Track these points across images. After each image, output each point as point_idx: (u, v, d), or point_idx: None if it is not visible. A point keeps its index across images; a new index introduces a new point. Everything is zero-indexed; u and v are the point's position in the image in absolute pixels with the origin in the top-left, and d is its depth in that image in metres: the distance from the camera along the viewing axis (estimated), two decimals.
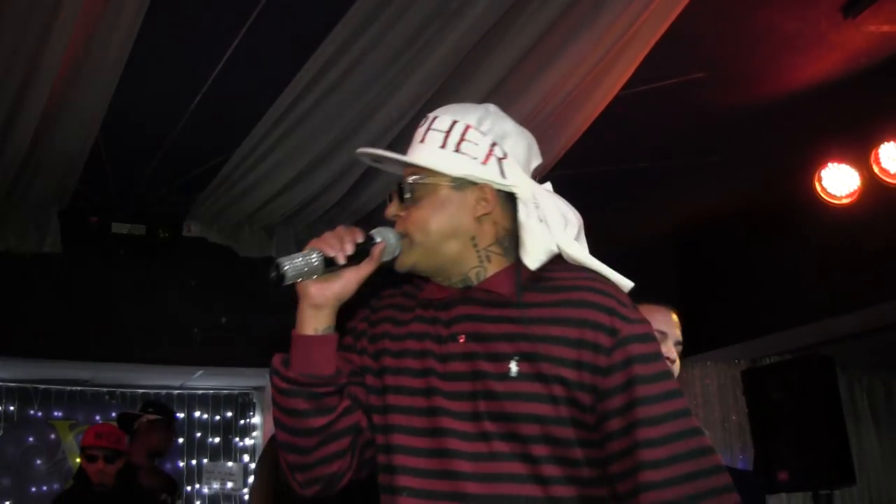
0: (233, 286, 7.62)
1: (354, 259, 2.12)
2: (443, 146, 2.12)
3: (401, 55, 5.17)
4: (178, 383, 8.80)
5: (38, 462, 8.29)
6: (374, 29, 4.93)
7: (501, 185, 2.10)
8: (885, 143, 6.05)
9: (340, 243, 2.09)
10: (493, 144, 2.10)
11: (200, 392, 9.06)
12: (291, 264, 2.06)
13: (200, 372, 8.24)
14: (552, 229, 2.08)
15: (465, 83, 5.50)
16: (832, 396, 6.47)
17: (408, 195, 2.15)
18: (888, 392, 9.36)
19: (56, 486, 8.16)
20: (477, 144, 2.10)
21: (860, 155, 6.21)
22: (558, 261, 2.12)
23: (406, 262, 2.19)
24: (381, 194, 6.86)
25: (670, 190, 7.23)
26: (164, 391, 8.74)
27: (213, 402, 9.12)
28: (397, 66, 5.26)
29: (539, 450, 1.96)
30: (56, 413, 8.55)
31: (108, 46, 4.83)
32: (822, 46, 5.43)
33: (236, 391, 9.11)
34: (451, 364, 2.08)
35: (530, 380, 1.98)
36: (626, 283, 2.12)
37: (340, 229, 2.15)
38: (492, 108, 2.20)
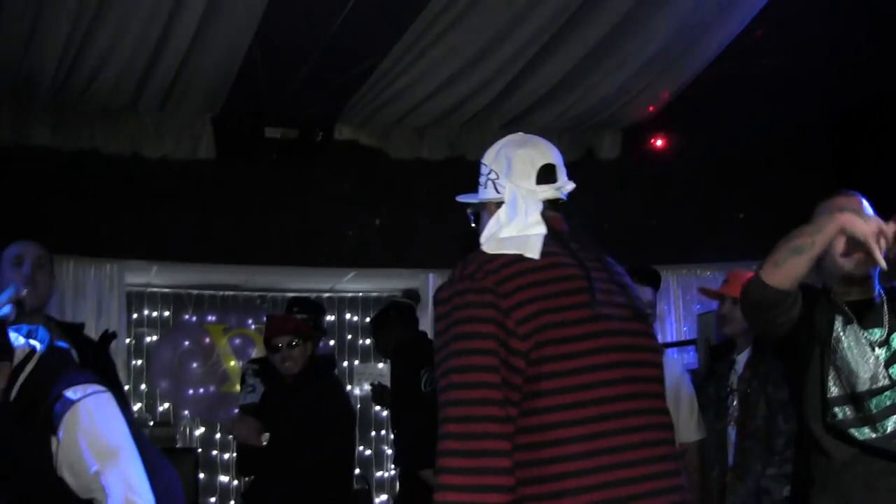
0: (384, 188, 7.64)
1: None
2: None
3: None
4: (328, 286, 8.89)
5: (194, 365, 8.35)
6: None
7: (494, 199, 2.58)
8: None
9: None
10: (489, 171, 2.60)
11: (350, 295, 9.15)
12: None
13: (352, 274, 8.28)
14: (501, 220, 2.53)
15: None
16: None
17: (472, 221, 2.72)
18: None
19: (212, 388, 8.32)
20: (482, 175, 2.63)
21: None
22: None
23: None
24: (532, 96, 6.84)
25: (828, 82, 6.99)
26: (314, 294, 8.78)
27: (363, 304, 9.21)
28: None
29: None
30: (210, 317, 8.64)
31: None
32: None
33: (385, 293, 9.07)
34: None
35: None
36: (512, 252, 2.41)
37: None
38: (505, 139, 2.65)
